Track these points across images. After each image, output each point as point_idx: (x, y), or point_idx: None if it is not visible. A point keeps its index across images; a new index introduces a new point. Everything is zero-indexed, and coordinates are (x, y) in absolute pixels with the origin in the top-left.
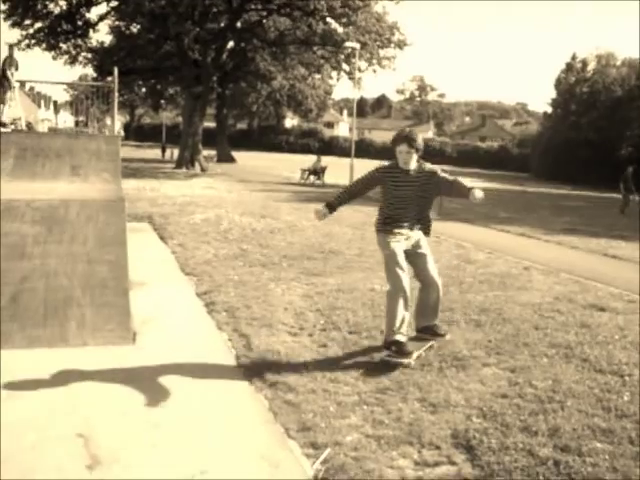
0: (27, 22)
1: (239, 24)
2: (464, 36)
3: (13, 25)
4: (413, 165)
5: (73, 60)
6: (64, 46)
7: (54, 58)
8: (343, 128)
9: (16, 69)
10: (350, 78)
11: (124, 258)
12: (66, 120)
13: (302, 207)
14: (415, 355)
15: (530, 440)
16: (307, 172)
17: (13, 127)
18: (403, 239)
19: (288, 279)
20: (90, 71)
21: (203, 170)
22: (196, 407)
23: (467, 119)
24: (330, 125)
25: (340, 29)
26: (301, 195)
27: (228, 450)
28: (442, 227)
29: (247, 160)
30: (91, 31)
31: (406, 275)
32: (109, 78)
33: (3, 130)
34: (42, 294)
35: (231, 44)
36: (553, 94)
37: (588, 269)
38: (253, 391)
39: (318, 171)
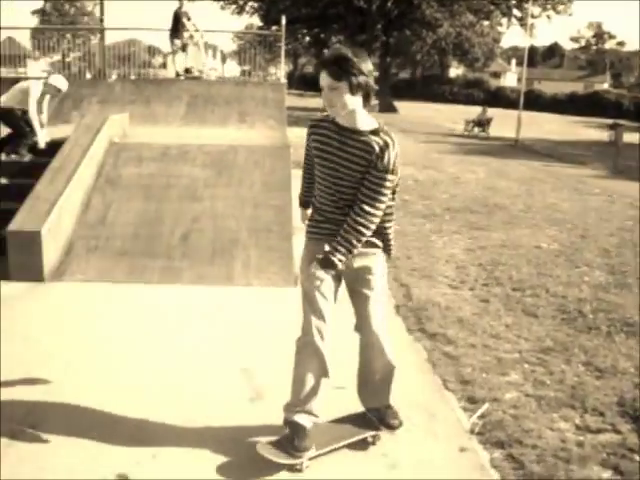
0: None
1: None
2: None
3: None
4: (354, 119)
5: (240, 10)
6: None
7: (222, 8)
8: (510, 78)
9: (188, 19)
10: (521, 25)
11: (289, 203)
12: (232, 69)
13: (465, 159)
14: (312, 454)
15: None
16: (471, 123)
17: (189, 75)
18: None
19: (450, 231)
20: (256, 20)
21: None
22: (354, 350)
23: None
24: (497, 75)
25: None
26: (465, 147)
27: None
28: (615, 185)
29: (409, 110)
30: None
31: (326, 325)
32: (274, 27)
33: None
34: (210, 235)
35: None
36: None
37: None
38: (412, 340)
39: (483, 123)
